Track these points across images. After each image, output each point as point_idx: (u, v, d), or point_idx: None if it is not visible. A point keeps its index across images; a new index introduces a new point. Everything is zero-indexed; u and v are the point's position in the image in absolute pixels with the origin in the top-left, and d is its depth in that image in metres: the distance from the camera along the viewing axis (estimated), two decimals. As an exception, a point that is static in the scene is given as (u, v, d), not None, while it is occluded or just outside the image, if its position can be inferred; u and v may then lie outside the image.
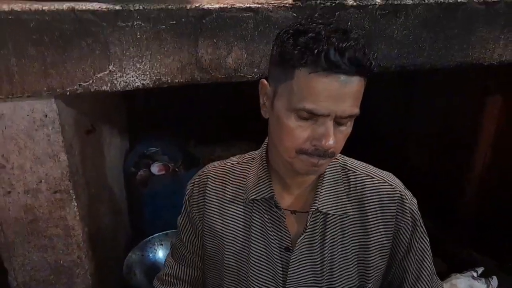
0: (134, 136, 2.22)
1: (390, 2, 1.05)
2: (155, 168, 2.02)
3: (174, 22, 0.96)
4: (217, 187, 0.85)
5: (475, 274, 1.58)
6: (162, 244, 1.82)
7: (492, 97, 1.68)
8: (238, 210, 0.83)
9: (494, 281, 1.55)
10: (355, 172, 0.80)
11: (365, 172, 0.81)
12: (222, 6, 0.98)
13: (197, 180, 0.88)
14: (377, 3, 1.04)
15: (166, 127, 2.34)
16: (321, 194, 0.77)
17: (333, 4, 1.02)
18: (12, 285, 1.16)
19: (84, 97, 1.24)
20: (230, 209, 0.83)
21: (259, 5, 1.00)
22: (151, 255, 1.79)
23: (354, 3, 1.03)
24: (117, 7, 0.92)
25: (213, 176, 0.86)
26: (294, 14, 1.01)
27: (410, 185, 0.82)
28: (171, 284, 0.95)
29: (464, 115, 1.81)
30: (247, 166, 0.85)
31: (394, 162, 0.90)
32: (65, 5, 0.90)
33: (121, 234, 1.77)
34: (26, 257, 1.13)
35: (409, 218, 0.79)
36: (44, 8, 0.89)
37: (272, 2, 1.01)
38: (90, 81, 0.96)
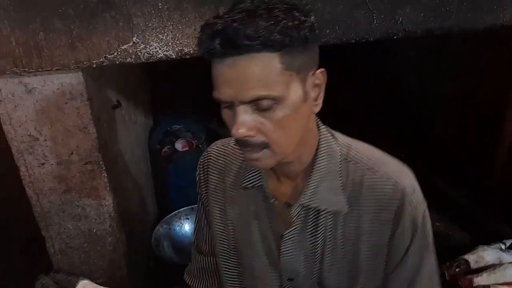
0: (158, 114, 2.27)
1: (415, -37, 1.01)
2: (179, 145, 2.06)
3: (195, -9, 0.96)
4: (218, 169, 0.83)
5: (503, 246, 1.55)
6: (188, 218, 1.87)
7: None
8: (239, 195, 0.80)
9: (524, 253, 1.52)
10: (356, 163, 0.72)
11: (368, 165, 0.71)
12: (242, -27, 0.97)
13: (201, 161, 0.87)
14: (402, -35, 1.01)
15: (189, 105, 2.37)
16: (309, 187, 0.71)
17: (356, -33, 0.99)
18: (50, 252, 1.23)
19: (110, 72, 1.27)
20: (232, 192, 0.81)
21: (280, -29, 0.99)
22: (177, 228, 1.85)
23: (378, -35, 1.00)
24: (139, -22, 0.93)
25: (215, 157, 0.84)
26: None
27: (436, 154, 0.78)
28: (199, 279, 0.95)
29: (494, 82, 1.74)
30: None
31: (420, 129, 0.86)
32: (88, -22, 0.92)
33: (148, 208, 1.83)
34: (61, 225, 1.19)
35: (409, 226, 0.70)
36: (68, -19, 0.91)
37: (293, -33, 0.99)
38: (115, 53, 0.98)
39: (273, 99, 0.59)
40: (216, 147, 0.86)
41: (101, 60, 0.98)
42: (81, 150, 1.11)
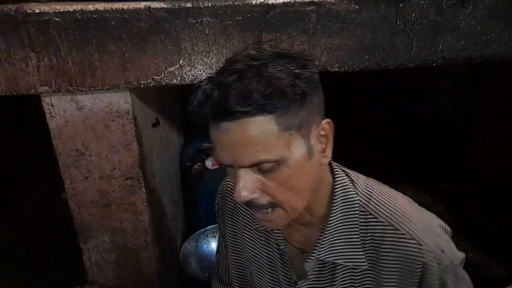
0: (189, 132, 2.32)
1: (456, -8, 1.03)
2: (209, 163, 2.09)
3: (240, 17, 1.01)
4: (234, 202, 0.80)
5: (543, 281, 1.48)
6: (215, 236, 1.88)
7: None
8: (254, 234, 0.78)
9: None
10: (377, 218, 0.65)
11: (391, 220, 0.65)
12: (285, 0, 1.01)
13: (220, 190, 0.85)
14: (443, -6, 1.02)
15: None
16: (325, 240, 0.67)
17: (397, -4, 1.01)
18: (86, 264, 1.26)
19: (151, 92, 1.33)
20: (247, 230, 0.79)
21: (322, -1, 1.02)
22: (204, 246, 1.86)
23: (419, -5, 1.02)
24: (188, 5, 0.98)
25: (232, 189, 0.80)
26: (357, 7, 1.02)
27: (476, 184, 0.75)
28: None
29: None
30: None
31: (457, 162, 0.85)
32: (142, 4, 0.98)
33: (179, 224, 1.86)
34: (99, 238, 1.23)
35: (437, 286, 0.64)
36: (123, 7, 0.97)
37: (335, -4, 1.03)
38: (162, 75, 1.03)
39: (273, 162, 0.56)
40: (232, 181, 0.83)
41: (149, 81, 1.03)
42: (123, 166, 1.15)
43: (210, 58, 1.03)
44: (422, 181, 2.12)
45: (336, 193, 0.67)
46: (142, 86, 1.03)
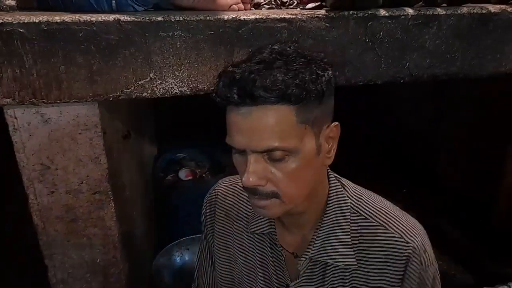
0: (162, 143, 2.29)
1: (422, 12, 1.07)
2: (183, 174, 2.07)
3: (212, 32, 1.01)
4: (226, 209, 0.82)
5: (507, 289, 1.54)
6: (188, 248, 1.85)
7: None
8: (247, 238, 0.79)
9: (527, 296, 1.51)
10: (367, 218, 0.70)
11: (381, 221, 0.70)
12: (257, 17, 1.02)
13: (208, 199, 0.86)
14: (409, 14, 1.06)
15: (193, 135, 2.40)
16: (317, 240, 0.70)
17: (366, 15, 1.04)
18: (52, 282, 1.21)
19: (121, 104, 1.30)
20: (239, 234, 0.80)
21: (293, 16, 1.03)
22: (178, 259, 1.83)
23: (387, 14, 1.05)
24: (159, 18, 0.97)
25: (222, 197, 0.83)
26: (327, 25, 1.04)
27: (442, 194, 0.79)
28: None
29: (497, 125, 1.78)
30: None
31: (425, 171, 0.89)
32: (111, 17, 0.96)
33: (151, 237, 1.82)
34: (65, 255, 1.18)
35: (416, 285, 0.68)
36: (92, 19, 0.95)
37: (306, 13, 1.04)
38: (132, 88, 1.02)
39: (287, 151, 0.59)
40: (224, 185, 0.84)
41: (118, 94, 1.01)
42: (90, 180, 1.12)
43: (181, 72, 1.02)
44: (392, 191, 2.17)
45: (331, 196, 0.71)
46: (111, 99, 1.01)
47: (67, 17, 0.95)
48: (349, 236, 0.70)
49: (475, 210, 1.93)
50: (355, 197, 0.72)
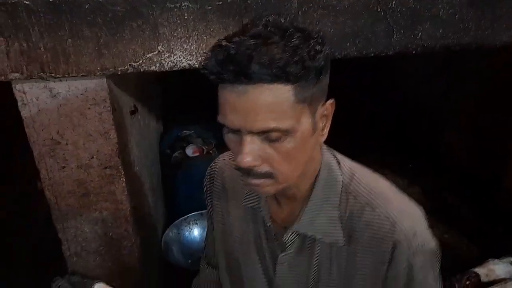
0: (169, 119, 2.29)
1: (436, -20, 1.03)
2: (190, 150, 2.07)
3: (220, 2, 0.98)
4: (222, 183, 0.82)
5: (513, 260, 1.56)
6: (197, 223, 1.88)
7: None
8: (239, 211, 0.79)
9: (533, 267, 1.52)
10: (356, 197, 0.68)
11: (368, 200, 0.67)
12: (266, -14, 0.99)
13: (208, 172, 0.86)
14: (422, -19, 1.03)
15: (199, 111, 2.40)
16: (305, 214, 0.69)
17: (378, -17, 1.01)
18: (66, 255, 1.24)
19: (129, 78, 1.29)
20: (234, 206, 0.81)
21: (303, -15, 1.01)
22: (187, 233, 1.86)
23: (399, -18, 1.02)
24: (167, -11, 0.95)
25: (220, 170, 0.83)
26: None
27: (448, 170, 0.78)
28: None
29: (505, 100, 1.76)
30: None
31: (432, 144, 0.87)
32: (118, -13, 0.94)
33: (160, 212, 1.84)
34: (78, 229, 1.20)
35: (403, 271, 0.65)
36: (98, -10, 0.93)
37: (316, -19, 1.01)
38: (140, 61, 1.00)
39: (283, 131, 0.56)
40: (223, 159, 0.84)
41: (126, 67, 1.00)
42: (101, 155, 1.12)
43: (189, 44, 1.01)
44: (399, 167, 2.18)
45: (321, 173, 0.69)
46: (119, 73, 1.00)
47: (73, -12, 0.93)
48: (337, 213, 0.68)
49: (480, 186, 1.93)
50: (348, 174, 0.70)
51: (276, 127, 0.56)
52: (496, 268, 1.49)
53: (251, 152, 0.57)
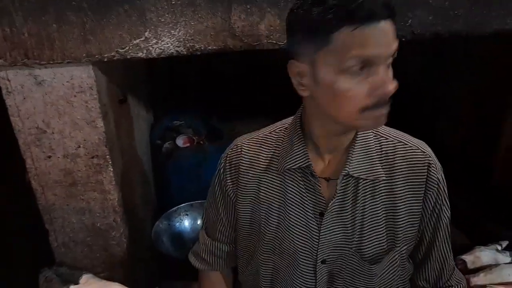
0: (159, 110, 2.26)
1: (426, -34, 1.03)
2: (180, 141, 2.05)
3: (209, -12, 0.97)
4: (251, 159, 0.86)
5: (499, 247, 1.58)
6: (187, 214, 1.87)
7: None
8: (273, 179, 0.84)
9: (519, 254, 1.55)
10: (387, 138, 0.81)
11: (398, 139, 0.82)
12: (256, -29, 0.98)
13: (230, 153, 0.89)
14: (413, -32, 1.02)
15: (190, 102, 2.37)
16: (352, 158, 0.78)
17: (368, -31, 1.00)
18: (53, 245, 1.22)
19: (116, 66, 1.27)
20: (265, 179, 0.84)
21: (293, -29, 0.99)
22: (177, 224, 1.85)
23: (390, -32, 1.01)
24: (153, -27, 0.93)
25: (247, 148, 0.87)
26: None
27: (439, 157, 0.82)
28: (207, 263, 0.98)
29: (497, 86, 1.77)
30: (280, 135, 0.85)
31: (424, 136, 0.88)
32: (103, -29, 0.91)
33: (150, 203, 1.83)
34: (65, 219, 1.19)
35: (435, 186, 0.80)
36: (82, -27, 0.91)
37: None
38: (127, 48, 0.98)
39: (394, 56, 0.67)
40: (247, 139, 0.89)
41: (113, 54, 0.98)
42: (88, 144, 1.10)
43: (177, 30, 0.99)
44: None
45: None
46: (105, 60, 0.98)
47: (56, -28, 0.90)
48: (376, 153, 0.79)
49: (473, 172, 1.95)
50: None
51: (396, 47, 0.66)
52: (482, 255, 1.51)
53: (393, 79, 0.67)
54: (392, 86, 0.66)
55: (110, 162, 1.14)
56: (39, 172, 1.12)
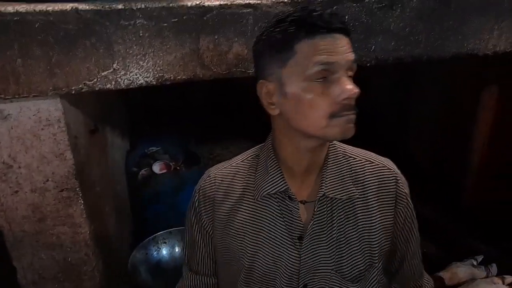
0: (134, 137, 2.25)
1: (386, -5, 1.08)
2: (157, 167, 2.03)
3: (176, 19, 0.98)
4: (226, 189, 0.85)
5: (475, 262, 1.61)
6: (165, 242, 1.83)
7: (489, 88, 1.70)
8: (247, 208, 0.83)
9: (494, 268, 1.58)
10: (355, 158, 0.84)
11: (365, 158, 0.84)
12: (222, 3, 1.00)
13: (203, 185, 0.88)
14: (373, -3, 1.07)
15: (166, 127, 2.37)
16: (326, 179, 0.79)
17: (331, -1, 1.04)
18: (22, 284, 1.17)
19: (87, 97, 1.26)
20: (239, 208, 0.84)
21: (258, 1, 1.02)
22: (155, 253, 1.81)
23: (351, -2, 1.05)
24: (120, 6, 0.94)
25: (220, 179, 0.86)
26: (292, 10, 1.03)
27: (410, 175, 0.85)
28: None
29: (462, 105, 1.84)
30: (253, 163, 0.86)
31: (394, 154, 0.91)
32: (69, 5, 0.92)
33: (126, 233, 1.79)
34: (34, 255, 1.15)
35: (404, 200, 0.83)
36: (48, 8, 0.91)
37: (271, -2, 1.03)
38: (95, 80, 0.98)
39: (354, 69, 0.71)
40: (219, 170, 0.88)
41: (80, 86, 0.98)
42: (57, 177, 1.08)
43: (146, 61, 1.00)
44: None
45: (330, 143, 0.82)
46: (73, 92, 0.98)
47: (21, 7, 0.90)
48: (347, 173, 0.81)
49: (444, 188, 1.99)
50: (339, 144, 0.85)
51: (355, 58, 0.71)
52: (459, 271, 1.53)
53: (352, 84, 0.69)
54: (355, 89, 0.69)
55: (81, 195, 1.11)
56: (5, 208, 1.08)
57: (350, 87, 0.68)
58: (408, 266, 0.89)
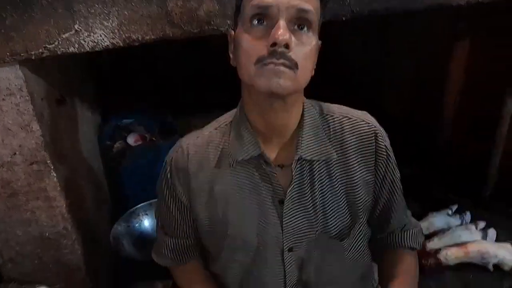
0: (106, 110, 2.16)
1: None
2: (131, 139, 1.97)
3: (140, -26, 0.92)
4: (200, 160, 0.82)
5: (450, 212, 1.68)
6: (147, 214, 1.81)
7: (461, 41, 1.72)
8: (226, 176, 0.81)
9: (468, 216, 1.65)
10: (332, 115, 0.82)
11: (343, 114, 0.82)
12: (188, -46, 0.94)
13: (175, 156, 0.84)
14: None
15: (139, 100, 2.29)
16: (302, 142, 0.77)
17: None
18: (-1, 262, 1.14)
19: (50, 65, 1.19)
20: (217, 177, 0.81)
21: (227, -47, 0.97)
22: (137, 225, 1.79)
23: None
24: (77, -40, 0.87)
25: (193, 149, 0.83)
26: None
27: (386, 131, 0.84)
28: (173, 260, 0.94)
29: (438, 59, 1.85)
30: (226, 130, 0.83)
31: (371, 110, 0.90)
32: (19, -40, 0.84)
33: (104, 207, 1.75)
34: (9, 232, 1.11)
35: (384, 153, 0.82)
36: (-5, -36, 0.83)
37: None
38: (56, 43, 0.92)
39: (310, 20, 0.65)
40: (192, 139, 0.84)
41: (41, 51, 0.91)
42: (25, 150, 1.03)
43: (110, 21, 0.94)
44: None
45: (305, 102, 0.79)
46: (33, 57, 0.91)
47: (-36, -37, 0.82)
48: (324, 133, 0.79)
49: (419, 142, 2.04)
50: (315, 103, 0.83)
51: (309, 9, 0.64)
52: (435, 221, 1.59)
53: (287, 31, 0.63)
54: (281, 33, 0.63)
55: (52, 168, 1.07)
56: (-28, 186, 1.03)
57: (278, 32, 0.62)
58: (395, 217, 0.88)
